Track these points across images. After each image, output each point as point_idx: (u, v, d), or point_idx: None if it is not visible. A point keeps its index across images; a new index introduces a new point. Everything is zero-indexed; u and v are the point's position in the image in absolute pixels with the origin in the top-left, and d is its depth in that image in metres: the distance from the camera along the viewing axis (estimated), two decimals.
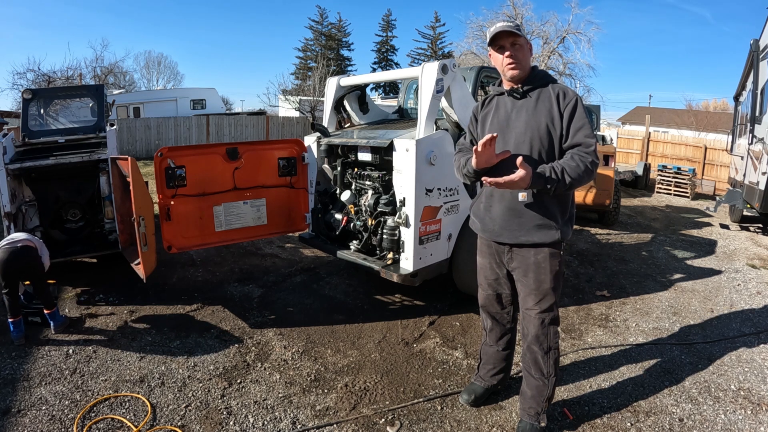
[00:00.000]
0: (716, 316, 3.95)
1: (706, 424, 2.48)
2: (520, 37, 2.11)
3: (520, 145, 2.12)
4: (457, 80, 3.53)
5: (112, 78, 23.14)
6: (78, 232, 4.69)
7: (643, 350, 3.29)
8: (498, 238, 2.25)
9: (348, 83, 4.37)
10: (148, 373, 2.87)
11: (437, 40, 42.14)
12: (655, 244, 6.49)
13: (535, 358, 2.25)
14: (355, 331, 3.50)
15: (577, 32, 19.04)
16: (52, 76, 17.32)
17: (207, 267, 4.86)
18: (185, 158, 3.69)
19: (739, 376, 2.97)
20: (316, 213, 4.22)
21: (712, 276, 5.10)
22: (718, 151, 14.49)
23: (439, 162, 3.38)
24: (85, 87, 6.22)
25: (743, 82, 9.32)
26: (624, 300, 4.29)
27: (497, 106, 2.26)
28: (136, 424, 2.39)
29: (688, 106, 37.61)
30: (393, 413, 2.53)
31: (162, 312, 3.73)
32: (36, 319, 3.45)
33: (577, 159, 2.01)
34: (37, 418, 2.42)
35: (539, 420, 2.26)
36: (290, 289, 4.32)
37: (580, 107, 2.08)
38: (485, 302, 2.48)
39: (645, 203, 10.65)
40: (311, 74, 26.38)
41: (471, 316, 3.74)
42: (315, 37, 42.20)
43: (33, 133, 4.85)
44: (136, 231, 3.23)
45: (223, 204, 3.89)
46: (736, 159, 9.23)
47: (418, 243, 3.38)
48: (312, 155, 4.23)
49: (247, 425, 2.42)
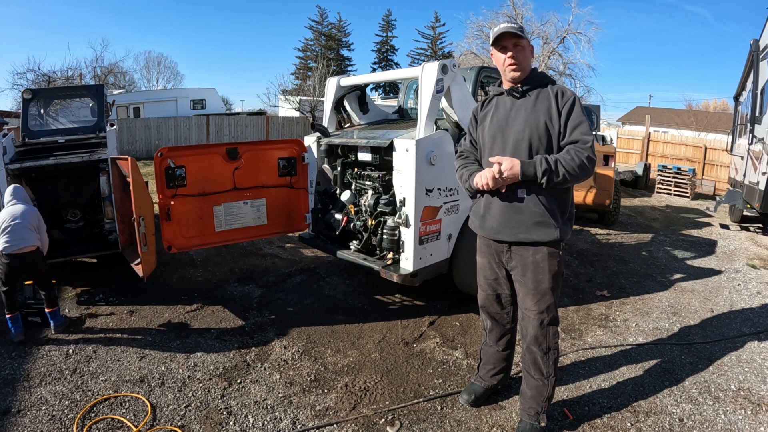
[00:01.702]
0: (716, 316, 3.95)
1: (706, 424, 2.48)
2: (522, 39, 2.15)
3: (518, 142, 2.13)
4: (457, 80, 3.53)
5: (112, 78, 23.15)
6: (78, 232, 4.69)
7: (643, 350, 3.29)
8: (497, 235, 2.25)
9: (348, 83, 4.37)
10: (148, 373, 2.87)
11: (437, 40, 42.14)
12: (655, 244, 6.49)
13: (535, 359, 2.25)
14: (355, 331, 3.50)
15: (577, 32, 19.04)
16: (52, 76, 17.32)
17: (207, 267, 4.86)
18: (185, 158, 3.69)
19: (739, 376, 2.97)
20: (316, 213, 4.22)
21: (712, 276, 5.10)
22: (718, 151, 14.49)
23: (439, 162, 3.38)
24: (85, 87, 6.22)
25: (743, 82, 9.32)
26: (624, 300, 4.29)
27: (497, 105, 2.28)
28: (136, 424, 2.40)
29: (688, 106, 37.64)
30: (393, 413, 2.53)
31: (162, 312, 3.73)
32: (36, 319, 3.45)
33: (572, 153, 2.03)
34: (37, 418, 2.42)
35: (539, 420, 2.26)
36: (290, 289, 4.32)
37: (578, 106, 2.11)
38: (485, 302, 2.48)
39: (645, 203, 10.65)
40: (311, 74, 26.40)
41: (471, 316, 3.74)
42: (315, 37, 42.21)
43: (33, 133, 4.85)
44: (136, 231, 3.23)
45: (223, 204, 3.89)
46: (736, 159, 9.23)
47: (418, 243, 3.38)
48: (312, 155, 4.23)
49: (247, 425, 2.42)
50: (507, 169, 2.04)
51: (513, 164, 2.04)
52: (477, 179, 2.14)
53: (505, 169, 2.04)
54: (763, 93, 6.93)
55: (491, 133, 2.23)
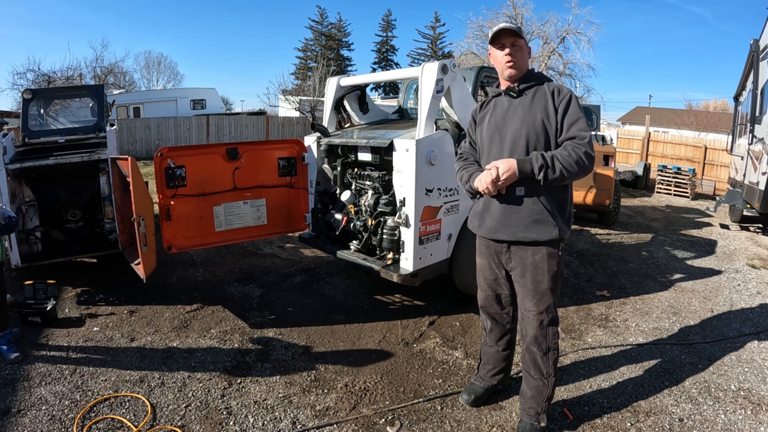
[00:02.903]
0: (716, 316, 3.95)
1: (706, 424, 2.48)
2: (520, 38, 2.17)
3: (516, 140, 2.14)
4: (457, 80, 3.53)
5: (112, 78, 23.16)
6: (78, 232, 4.69)
7: (643, 350, 3.29)
8: (495, 235, 2.25)
9: (348, 83, 4.37)
10: (148, 373, 2.86)
11: (437, 40, 42.14)
12: (655, 244, 6.49)
13: (535, 359, 2.25)
14: (355, 331, 3.50)
15: (577, 32, 19.05)
16: (52, 76, 17.34)
17: (207, 267, 4.86)
18: (185, 158, 3.69)
19: (739, 376, 2.97)
20: (316, 213, 4.22)
21: (712, 276, 5.09)
22: (718, 151, 14.50)
23: (439, 162, 3.38)
24: (85, 87, 6.22)
25: (743, 82, 9.32)
26: (624, 300, 4.29)
27: (495, 106, 2.30)
28: (136, 424, 2.39)
29: (688, 106, 37.66)
30: (393, 413, 2.53)
31: (162, 312, 3.73)
32: (36, 319, 3.45)
33: (569, 149, 2.03)
34: (37, 418, 2.42)
35: (539, 420, 2.26)
36: (290, 289, 4.32)
37: (575, 103, 2.11)
38: (485, 303, 2.48)
39: (645, 203, 10.65)
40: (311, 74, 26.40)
41: (471, 316, 3.74)
42: (315, 37, 42.22)
43: (33, 133, 4.85)
44: (136, 231, 3.23)
45: (223, 204, 3.89)
46: (736, 159, 9.23)
47: (418, 243, 3.38)
48: (312, 155, 4.23)
49: (247, 425, 2.42)
50: (504, 170, 2.05)
51: (509, 164, 2.05)
52: (477, 182, 2.14)
53: (502, 172, 2.05)
54: (763, 93, 6.93)
55: (489, 133, 2.24)
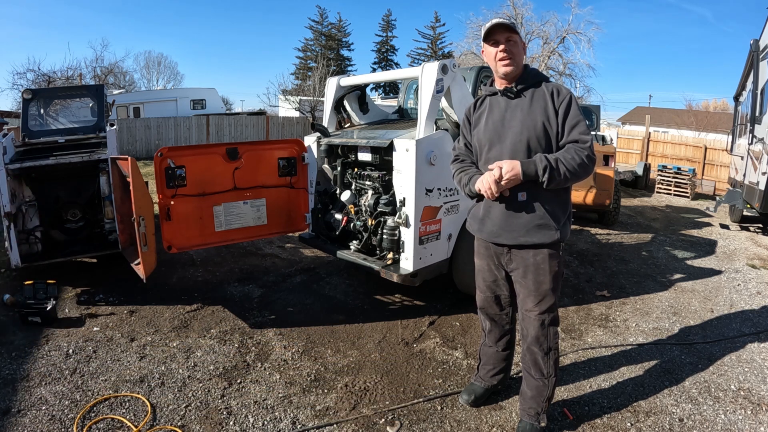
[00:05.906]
0: (716, 316, 3.95)
1: (706, 424, 2.48)
2: (515, 33, 2.12)
3: (516, 144, 2.10)
4: (457, 80, 3.53)
5: (112, 78, 23.18)
6: (78, 232, 4.69)
7: (643, 350, 3.29)
8: (497, 239, 2.23)
9: (348, 83, 4.36)
10: (148, 373, 2.86)
11: (437, 40, 42.15)
12: (655, 244, 6.49)
13: (535, 359, 2.25)
14: (355, 331, 3.50)
15: (577, 32, 19.08)
16: (52, 76, 17.35)
17: (207, 267, 4.86)
18: (185, 158, 3.68)
19: (739, 376, 2.97)
20: (316, 213, 4.22)
21: (712, 276, 5.10)
22: (718, 151, 14.50)
23: (439, 162, 3.37)
24: (85, 87, 6.22)
25: (743, 82, 9.32)
26: (624, 300, 4.29)
27: (491, 106, 2.24)
28: (136, 424, 2.39)
29: (688, 106, 37.70)
30: (393, 413, 2.53)
31: (162, 312, 3.73)
32: (36, 319, 3.44)
33: (572, 151, 2.01)
34: (37, 418, 2.42)
35: (539, 420, 2.26)
36: (290, 289, 4.32)
37: (574, 104, 2.09)
38: (484, 304, 2.48)
39: (645, 203, 10.65)
40: (311, 74, 26.40)
41: (471, 316, 3.74)
42: (315, 37, 42.23)
43: (33, 133, 4.85)
44: (136, 231, 3.22)
45: (223, 204, 3.88)
46: (736, 159, 9.23)
47: (418, 243, 3.38)
48: (312, 155, 4.23)
49: (247, 425, 2.42)
50: (507, 171, 1.99)
51: (513, 166, 2.00)
52: (479, 184, 2.08)
53: (505, 172, 1.99)
54: (763, 93, 6.93)
55: (488, 136, 2.19)
